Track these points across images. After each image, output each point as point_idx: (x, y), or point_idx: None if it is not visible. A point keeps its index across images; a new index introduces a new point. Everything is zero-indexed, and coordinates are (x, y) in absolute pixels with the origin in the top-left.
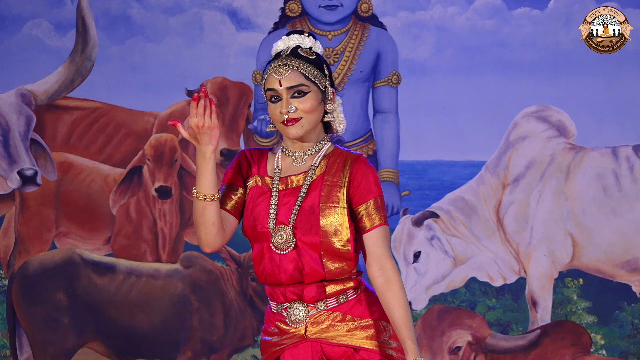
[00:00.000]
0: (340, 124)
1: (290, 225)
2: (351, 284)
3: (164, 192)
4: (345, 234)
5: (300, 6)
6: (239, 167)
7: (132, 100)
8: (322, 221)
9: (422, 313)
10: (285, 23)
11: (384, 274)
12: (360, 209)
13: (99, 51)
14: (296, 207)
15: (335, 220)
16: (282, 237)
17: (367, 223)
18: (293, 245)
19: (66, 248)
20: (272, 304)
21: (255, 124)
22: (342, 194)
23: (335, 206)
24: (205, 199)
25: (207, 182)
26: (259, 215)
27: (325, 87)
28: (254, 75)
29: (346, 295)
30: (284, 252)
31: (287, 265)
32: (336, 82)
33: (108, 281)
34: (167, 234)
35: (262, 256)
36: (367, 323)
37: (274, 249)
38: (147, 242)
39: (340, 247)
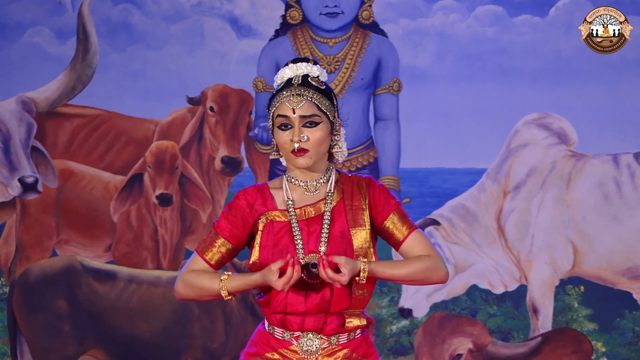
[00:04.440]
0: (342, 155)
1: (321, 253)
2: (365, 322)
3: (164, 200)
4: (371, 255)
5: (301, 13)
6: (241, 219)
7: (133, 108)
8: (355, 245)
9: (423, 320)
10: (286, 30)
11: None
12: (387, 224)
13: (100, 58)
14: (324, 234)
15: (365, 243)
16: (315, 266)
17: (398, 235)
18: None
19: (67, 255)
20: (279, 330)
21: (256, 131)
22: (367, 217)
23: (362, 229)
24: (226, 298)
25: (241, 290)
26: (285, 247)
27: (334, 117)
28: (254, 82)
29: (355, 333)
30: (317, 281)
31: (315, 294)
32: (337, 89)
33: (109, 289)
34: (168, 241)
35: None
36: None
37: (305, 279)
38: (148, 249)
39: None
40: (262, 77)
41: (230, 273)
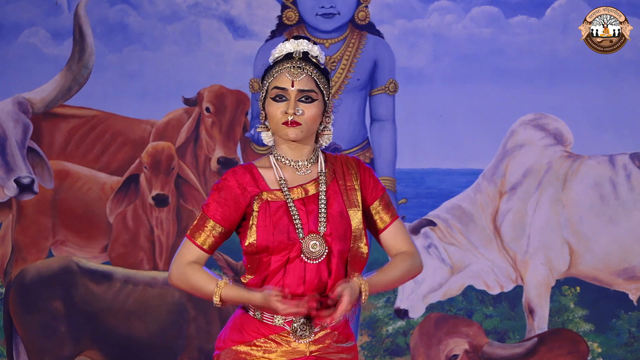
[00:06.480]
0: (328, 139)
1: (321, 234)
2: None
3: (161, 200)
4: (365, 236)
5: (297, 14)
6: (233, 201)
7: (129, 108)
8: (353, 226)
9: (419, 321)
10: (282, 31)
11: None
12: (371, 210)
13: (96, 59)
14: (322, 214)
15: (360, 224)
16: (316, 246)
17: (380, 223)
18: (326, 253)
19: (63, 256)
20: (269, 315)
21: (252, 132)
22: (359, 197)
23: (358, 209)
24: (216, 304)
25: (234, 302)
26: (285, 227)
27: (328, 99)
28: (251, 83)
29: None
30: (317, 261)
31: (314, 276)
32: (333, 90)
33: (105, 289)
34: (164, 242)
35: (284, 269)
36: (350, 345)
37: (306, 259)
38: (144, 250)
39: (363, 251)
40: (258, 78)
41: (227, 281)
